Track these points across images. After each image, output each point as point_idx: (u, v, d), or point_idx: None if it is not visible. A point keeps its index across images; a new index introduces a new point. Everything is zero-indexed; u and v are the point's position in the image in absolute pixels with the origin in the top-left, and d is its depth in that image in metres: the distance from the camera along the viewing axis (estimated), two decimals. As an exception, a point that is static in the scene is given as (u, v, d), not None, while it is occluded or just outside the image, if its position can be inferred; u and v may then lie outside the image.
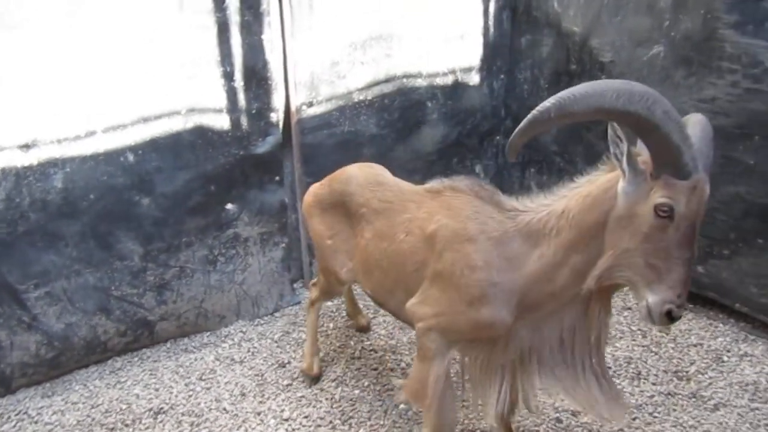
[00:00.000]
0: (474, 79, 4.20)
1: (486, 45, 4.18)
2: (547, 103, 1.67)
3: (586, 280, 1.89)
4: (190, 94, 3.17)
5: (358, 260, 2.63)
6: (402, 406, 2.91)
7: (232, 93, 3.28)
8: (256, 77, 3.34)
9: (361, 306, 3.61)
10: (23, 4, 2.67)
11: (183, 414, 2.92)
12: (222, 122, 3.30)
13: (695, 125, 1.84)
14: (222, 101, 3.27)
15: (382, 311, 3.74)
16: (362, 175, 2.71)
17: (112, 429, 2.84)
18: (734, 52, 3.08)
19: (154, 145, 3.14)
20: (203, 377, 3.18)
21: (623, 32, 3.56)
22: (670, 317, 1.74)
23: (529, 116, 1.70)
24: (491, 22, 4.14)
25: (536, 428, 2.76)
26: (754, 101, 3.06)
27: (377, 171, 2.77)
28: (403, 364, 3.24)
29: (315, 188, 2.90)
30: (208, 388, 3.10)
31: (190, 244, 3.39)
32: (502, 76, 4.36)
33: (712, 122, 1.91)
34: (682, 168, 1.67)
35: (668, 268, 1.72)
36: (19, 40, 2.70)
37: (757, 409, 2.84)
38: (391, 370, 3.20)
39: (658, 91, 1.66)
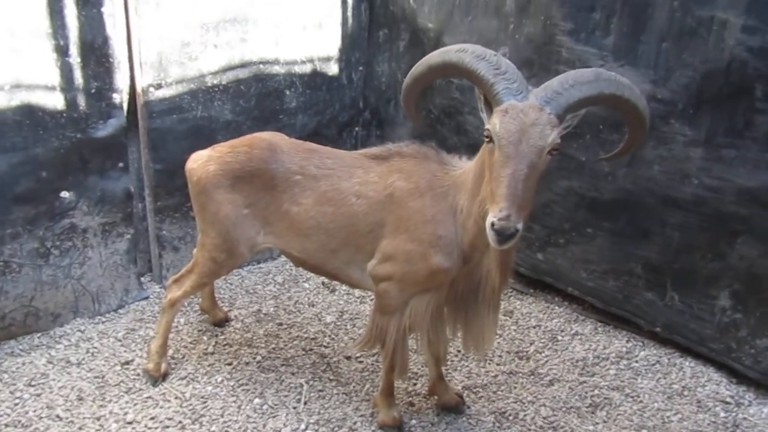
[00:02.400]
0: (333, 69, 4.19)
1: (344, 36, 4.17)
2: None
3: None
4: (15, 68, 2.82)
5: (284, 226, 2.65)
6: (257, 401, 2.85)
7: (66, 70, 2.98)
8: (96, 54, 3.06)
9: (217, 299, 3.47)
10: None
11: (6, 425, 2.61)
12: (54, 101, 2.99)
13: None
14: (54, 78, 2.95)
15: (237, 304, 3.64)
16: (286, 143, 2.72)
17: None
18: (569, 57, 3.35)
19: (-30, 123, 2.77)
20: (33, 383, 2.87)
21: (473, 32, 3.74)
22: (496, 232, 1.86)
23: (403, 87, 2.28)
24: (349, 14, 4.14)
25: (390, 413, 2.82)
26: (585, 103, 3.35)
27: (292, 139, 2.81)
28: (259, 357, 3.16)
29: (216, 158, 2.66)
30: (39, 395, 2.80)
31: (16, 235, 3.04)
32: (360, 68, 4.39)
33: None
34: (495, 97, 1.95)
35: (496, 187, 1.91)
36: None
37: (585, 382, 3.14)
38: (247, 364, 3.11)
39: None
